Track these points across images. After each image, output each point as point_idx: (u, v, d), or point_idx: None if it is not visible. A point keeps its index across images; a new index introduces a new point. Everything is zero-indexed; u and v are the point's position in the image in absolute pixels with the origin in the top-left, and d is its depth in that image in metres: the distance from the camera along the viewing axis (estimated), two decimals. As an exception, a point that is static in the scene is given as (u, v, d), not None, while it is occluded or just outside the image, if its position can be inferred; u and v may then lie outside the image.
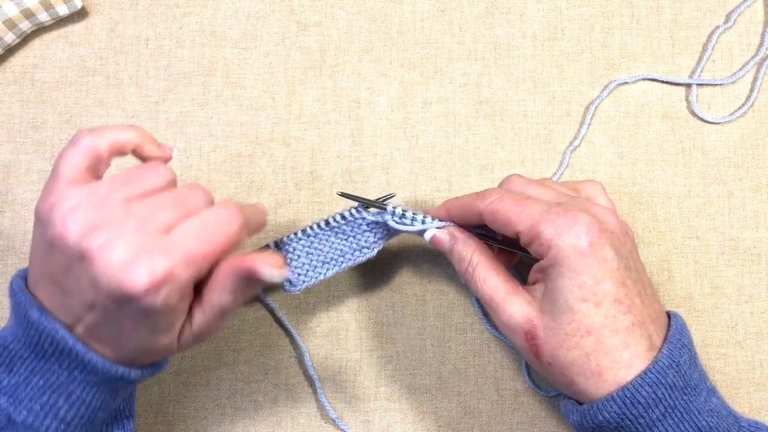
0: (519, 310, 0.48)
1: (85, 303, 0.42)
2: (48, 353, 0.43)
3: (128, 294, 0.40)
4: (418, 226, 0.53)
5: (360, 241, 0.55)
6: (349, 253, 0.55)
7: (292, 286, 0.54)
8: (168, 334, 0.44)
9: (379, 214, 0.54)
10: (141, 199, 0.42)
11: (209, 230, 0.42)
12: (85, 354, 0.43)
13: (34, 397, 0.43)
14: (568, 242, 0.46)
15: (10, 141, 0.62)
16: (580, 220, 0.46)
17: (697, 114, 0.61)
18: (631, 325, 0.46)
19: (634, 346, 0.46)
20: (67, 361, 0.43)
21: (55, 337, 0.42)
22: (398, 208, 0.53)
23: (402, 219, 0.53)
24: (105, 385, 0.44)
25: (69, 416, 0.44)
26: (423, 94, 0.62)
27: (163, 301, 0.41)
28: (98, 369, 0.43)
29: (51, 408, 0.43)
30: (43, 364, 0.43)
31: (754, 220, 0.60)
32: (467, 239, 0.52)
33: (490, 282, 0.50)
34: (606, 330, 0.46)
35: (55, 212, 0.41)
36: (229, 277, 0.44)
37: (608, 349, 0.46)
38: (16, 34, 0.61)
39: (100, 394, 0.44)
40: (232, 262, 0.44)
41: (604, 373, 0.46)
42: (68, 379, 0.43)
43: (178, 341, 0.45)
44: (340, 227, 0.54)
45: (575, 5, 0.63)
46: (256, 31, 0.63)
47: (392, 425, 0.59)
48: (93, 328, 0.43)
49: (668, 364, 0.45)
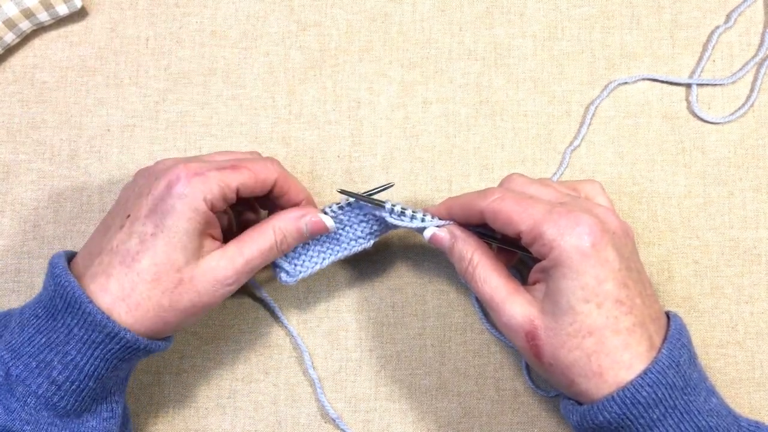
0: (520, 310, 0.48)
1: (120, 224, 0.49)
2: (57, 307, 0.46)
3: (168, 180, 0.48)
4: (416, 224, 0.53)
5: (357, 231, 0.55)
6: (345, 242, 0.55)
7: (288, 276, 0.54)
8: (184, 254, 0.48)
9: (377, 210, 0.54)
10: None
11: (241, 158, 0.52)
12: (87, 304, 0.46)
13: (33, 354, 0.46)
14: (570, 243, 0.46)
15: (10, 141, 0.62)
16: (582, 221, 0.46)
17: (697, 114, 0.61)
18: (632, 326, 0.46)
19: (635, 347, 0.46)
20: (70, 316, 0.46)
21: (66, 287, 0.46)
22: (397, 206, 0.53)
23: (401, 217, 0.53)
24: (101, 348, 0.46)
25: (61, 378, 0.46)
26: (423, 94, 0.62)
27: (191, 196, 0.47)
28: (96, 322, 0.45)
29: (45, 366, 0.46)
30: (51, 323, 0.46)
31: (754, 220, 0.60)
32: (467, 238, 0.52)
33: (490, 282, 0.50)
34: (607, 331, 0.46)
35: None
36: (271, 224, 0.51)
37: (609, 350, 0.46)
38: (16, 33, 0.61)
39: (93, 360, 0.46)
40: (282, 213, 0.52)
41: (604, 373, 0.46)
42: (67, 337, 0.46)
43: (194, 285, 0.48)
44: (337, 218, 0.54)
45: (575, 5, 0.63)
46: (256, 31, 0.63)
47: (392, 425, 0.59)
48: (109, 268, 0.47)
49: (668, 364, 0.45)
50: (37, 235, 0.60)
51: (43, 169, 0.61)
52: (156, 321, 0.48)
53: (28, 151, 0.62)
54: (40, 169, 0.61)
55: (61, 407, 0.46)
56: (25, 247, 0.60)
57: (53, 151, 0.61)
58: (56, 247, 0.60)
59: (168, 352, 0.59)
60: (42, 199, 0.61)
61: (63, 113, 0.62)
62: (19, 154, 0.61)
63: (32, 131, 0.62)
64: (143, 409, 0.59)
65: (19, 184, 0.61)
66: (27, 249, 0.60)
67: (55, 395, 0.46)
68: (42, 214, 0.61)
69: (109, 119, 0.62)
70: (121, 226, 0.49)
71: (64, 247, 0.60)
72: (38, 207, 0.61)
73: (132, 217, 0.49)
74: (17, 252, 0.60)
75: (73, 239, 0.60)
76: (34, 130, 0.62)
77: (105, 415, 0.49)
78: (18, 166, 0.61)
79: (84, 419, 0.48)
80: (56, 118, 0.62)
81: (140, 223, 0.48)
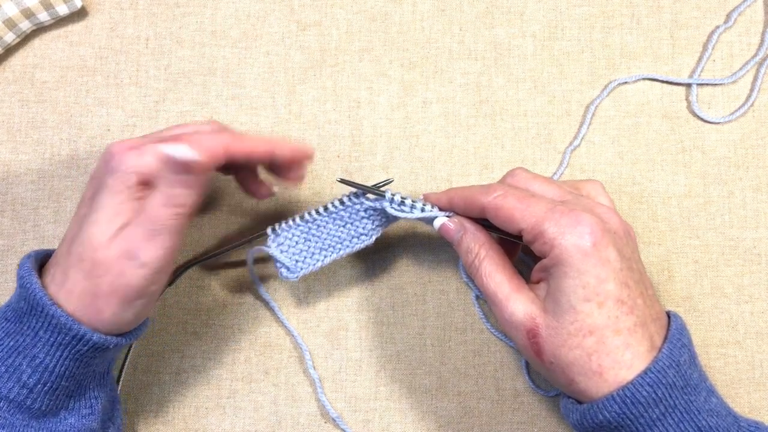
0: (522, 307, 0.48)
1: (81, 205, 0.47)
2: (23, 311, 0.46)
3: (104, 158, 0.46)
4: (417, 214, 0.53)
5: (358, 228, 0.55)
6: (347, 239, 0.55)
7: (290, 273, 0.54)
8: (107, 231, 0.45)
9: (377, 201, 0.53)
10: None
11: (191, 130, 0.49)
12: (50, 307, 0.45)
13: (2, 358, 0.45)
14: (571, 242, 0.46)
15: (10, 141, 0.62)
16: (583, 220, 0.46)
17: (697, 114, 0.61)
18: (633, 326, 0.46)
19: (636, 347, 0.46)
20: (34, 319, 0.45)
21: (28, 289, 0.45)
22: (397, 195, 0.53)
23: (401, 206, 0.53)
24: (68, 349, 0.45)
25: (31, 382, 0.45)
26: (423, 93, 0.62)
27: (122, 170, 0.45)
28: (61, 325, 0.45)
29: (15, 371, 0.45)
30: (18, 326, 0.46)
31: (754, 219, 0.60)
32: (476, 232, 0.52)
33: (495, 277, 0.50)
34: (608, 330, 0.46)
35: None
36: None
37: (610, 349, 0.46)
38: (16, 33, 0.61)
39: (63, 361, 0.45)
40: None
41: (605, 373, 0.46)
42: (33, 340, 0.45)
43: (108, 264, 0.45)
44: (338, 213, 0.54)
45: (575, 5, 0.63)
46: (256, 30, 0.63)
47: (392, 425, 0.59)
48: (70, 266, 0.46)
49: (668, 363, 0.45)
50: (37, 235, 0.60)
51: (43, 169, 0.61)
52: (90, 309, 0.45)
53: (28, 151, 0.62)
54: (40, 169, 0.61)
55: (35, 409, 0.46)
56: (25, 247, 0.60)
57: (53, 151, 0.61)
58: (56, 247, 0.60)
59: (168, 352, 0.59)
60: (42, 199, 0.61)
61: (63, 113, 0.62)
62: (19, 154, 0.61)
63: (32, 131, 0.62)
64: (143, 409, 0.59)
65: (19, 184, 0.61)
66: (27, 249, 0.60)
67: (28, 398, 0.45)
68: (42, 214, 0.61)
69: (109, 119, 0.62)
70: None
71: (64, 247, 0.60)
72: (38, 207, 0.61)
73: (80, 201, 0.48)
74: (17, 252, 0.60)
75: (73, 239, 0.60)
76: (34, 130, 0.62)
77: (83, 412, 0.49)
78: (18, 165, 0.61)
79: (61, 417, 0.48)
80: (56, 118, 0.62)
81: (82, 206, 0.47)
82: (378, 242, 0.56)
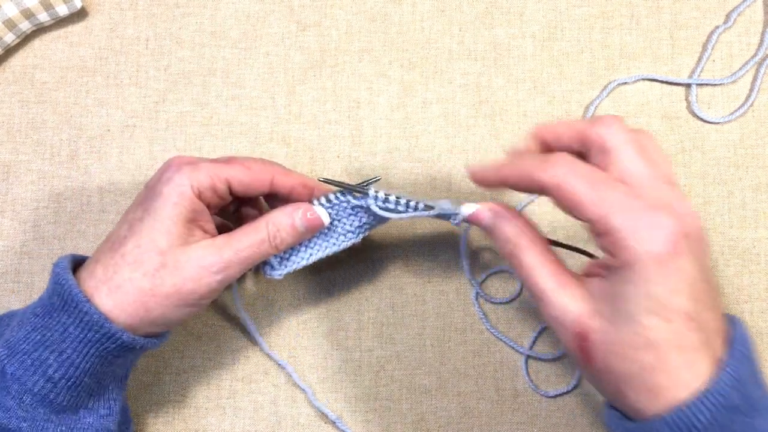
0: (571, 305, 0.43)
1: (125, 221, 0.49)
2: (55, 305, 0.46)
3: (161, 170, 0.49)
4: (407, 213, 0.50)
5: (345, 226, 0.53)
6: (333, 237, 0.54)
7: (273, 270, 0.53)
8: (168, 238, 0.47)
9: (362, 199, 0.51)
10: None
11: (241, 158, 0.51)
12: (84, 303, 0.45)
13: (28, 352, 0.46)
14: (645, 247, 0.40)
15: (10, 141, 0.62)
16: (663, 223, 0.40)
17: (696, 114, 0.61)
18: (698, 344, 0.41)
19: (698, 366, 0.40)
20: (66, 314, 0.46)
21: (63, 285, 0.46)
22: (380, 192, 0.50)
23: (386, 203, 0.51)
24: (96, 346, 0.46)
25: (57, 376, 0.46)
26: (423, 94, 0.62)
27: (178, 181, 0.48)
28: (93, 322, 0.45)
29: (41, 365, 0.46)
30: (48, 321, 0.46)
31: (754, 219, 0.60)
32: (513, 218, 0.46)
33: (538, 269, 0.44)
34: (671, 347, 0.40)
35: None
36: (266, 218, 0.50)
37: (670, 368, 0.40)
38: (16, 34, 0.61)
39: (89, 357, 0.46)
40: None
41: (660, 392, 0.41)
42: (62, 335, 0.46)
43: (178, 269, 0.47)
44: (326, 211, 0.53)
45: (575, 5, 0.63)
46: (256, 31, 0.63)
47: (392, 425, 0.59)
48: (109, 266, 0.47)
49: (731, 384, 0.40)
50: (37, 235, 0.60)
51: (43, 169, 0.61)
52: (137, 306, 0.46)
53: (28, 151, 0.62)
54: (40, 169, 0.61)
55: (57, 403, 0.46)
56: (25, 247, 0.60)
57: (53, 151, 0.62)
58: (56, 247, 0.60)
59: (168, 352, 0.59)
60: (42, 199, 0.61)
61: (63, 113, 0.62)
62: (19, 154, 0.61)
63: (32, 131, 0.62)
64: (143, 409, 0.59)
65: (19, 184, 0.61)
66: (27, 249, 0.60)
67: (51, 392, 0.46)
68: (42, 214, 0.61)
69: (109, 119, 0.62)
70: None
71: (64, 247, 0.60)
72: (38, 207, 0.61)
73: (128, 208, 0.50)
74: (17, 252, 0.60)
75: (73, 239, 0.60)
76: (34, 130, 0.62)
77: (102, 413, 0.49)
78: (18, 166, 0.61)
79: (80, 416, 0.48)
80: (56, 118, 0.62)
81: (132, 211, 0.49)
82: (378, 242, 0.56)
